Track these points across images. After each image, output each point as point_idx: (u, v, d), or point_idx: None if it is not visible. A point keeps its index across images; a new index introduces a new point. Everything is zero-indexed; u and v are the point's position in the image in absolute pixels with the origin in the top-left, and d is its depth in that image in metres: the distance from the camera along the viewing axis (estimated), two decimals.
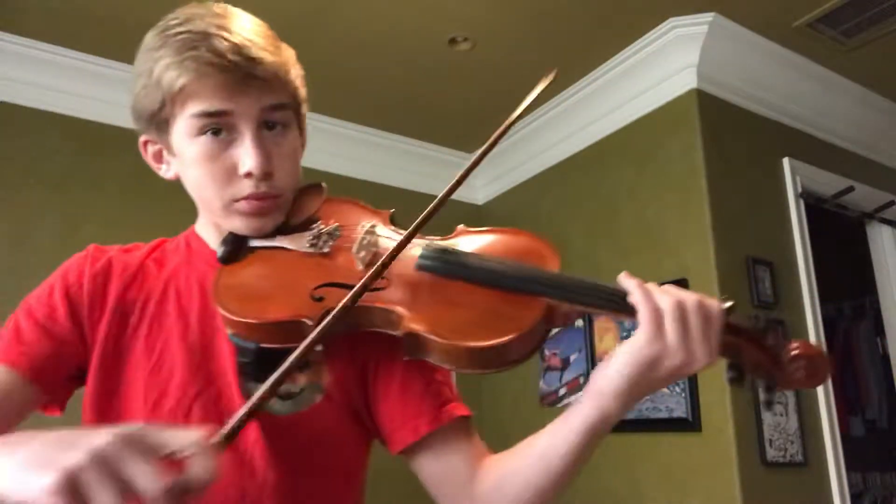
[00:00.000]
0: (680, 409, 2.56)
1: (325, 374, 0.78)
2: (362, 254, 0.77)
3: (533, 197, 3.55)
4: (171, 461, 0.47)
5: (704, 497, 2.44)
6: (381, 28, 2.75)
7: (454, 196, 0.74)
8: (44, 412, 0.77)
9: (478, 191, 3.93)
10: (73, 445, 0.44)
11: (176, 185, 0.84)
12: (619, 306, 0.67)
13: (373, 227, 0.82)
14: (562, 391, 3.11)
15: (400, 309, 0.70)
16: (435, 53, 2.90)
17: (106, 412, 0.75)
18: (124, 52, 2.85)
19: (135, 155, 0.86)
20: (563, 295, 0.69)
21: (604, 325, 2.96)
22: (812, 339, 2.73)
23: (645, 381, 0.66)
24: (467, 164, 0.71)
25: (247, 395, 0.75)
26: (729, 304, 0.67)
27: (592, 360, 2.98)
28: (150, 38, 0.77)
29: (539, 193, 3.51)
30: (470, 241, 0.81)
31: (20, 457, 0.47)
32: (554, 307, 0.69)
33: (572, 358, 3.09)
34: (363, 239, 0.79)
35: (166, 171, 0.84)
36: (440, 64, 2.98)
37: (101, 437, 0.45)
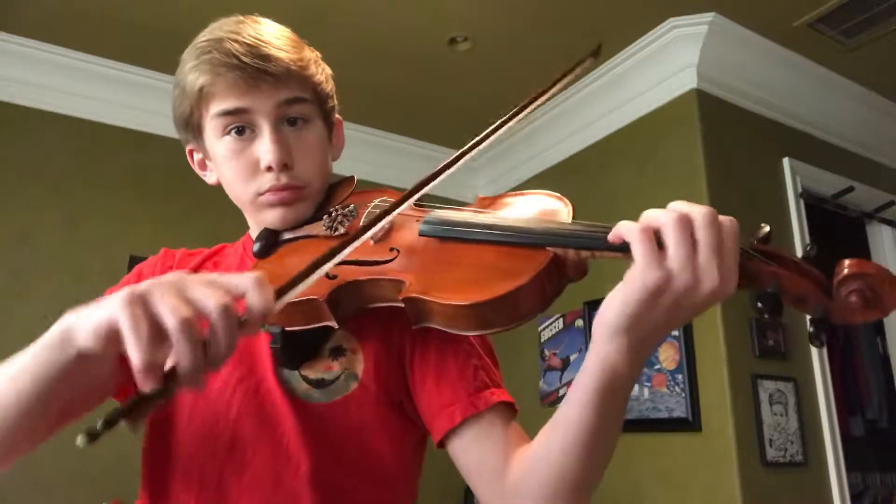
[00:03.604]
0: (680, 409, 2.56)
1: (359, 362, 0.78)
2: None
3: None
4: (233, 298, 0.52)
5: (704, 497, 2.44)
6: (381, 28, 2.75)
7: (453, 197, 0.74)
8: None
9: (479, 190, 3.92)
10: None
11: (175, 187, 0.84)
12: (624, 244, 0.60)
13: (384, 201, 0.82)
14: (562, 391, 3.11)
15: (405, 277, 0.69)
16: (435, 53, 2.90)
17: None
18: (124, 52, 2.89)
19: (134, 155, 0.87)
20: (562, 242, 0.65)
21: None
22: None
23: (649, 317, 0.56)
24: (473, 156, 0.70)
25: (282, 382, 0.77)
26: (766, 229, 0.60)
27: None
28: (184, 53, 0.83)
29: None
30: (484, 207, 0.79)
31: (103, 302, 0.54)
32: (561, 257, 0.65)
33: (572, 358, 3.09)
34: (371, 213, 0.80)
35: (210, 178, 0.90)
36: (440, 64, 2.98)
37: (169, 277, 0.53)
